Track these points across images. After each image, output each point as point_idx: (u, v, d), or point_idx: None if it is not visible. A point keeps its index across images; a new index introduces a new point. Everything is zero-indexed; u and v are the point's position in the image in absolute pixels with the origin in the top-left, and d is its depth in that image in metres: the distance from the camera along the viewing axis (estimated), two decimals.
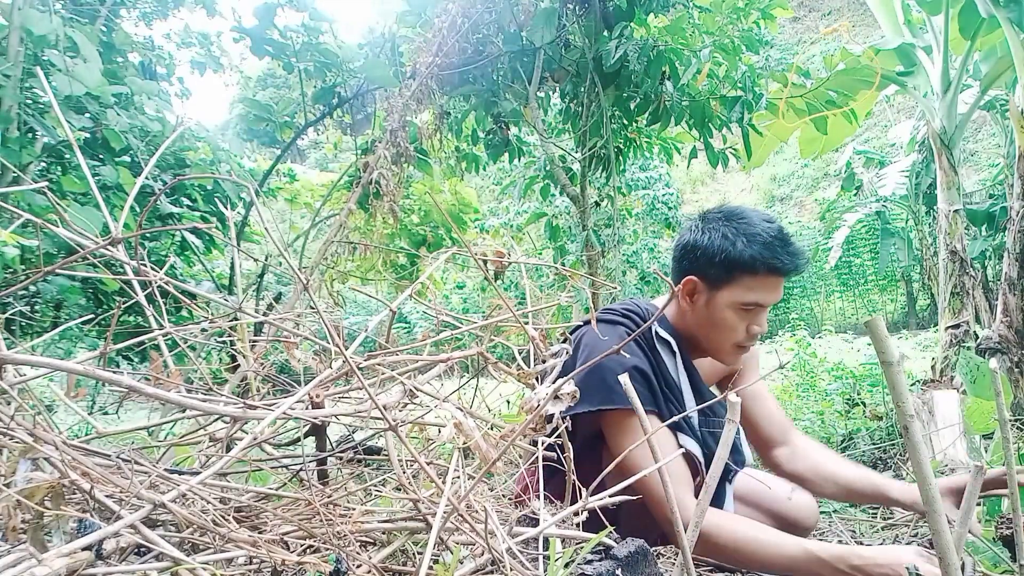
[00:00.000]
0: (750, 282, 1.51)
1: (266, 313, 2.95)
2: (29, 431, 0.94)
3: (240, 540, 0.88)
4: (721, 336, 1.57)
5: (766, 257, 1.49)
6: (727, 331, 1.56)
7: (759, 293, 1.52)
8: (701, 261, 1.55)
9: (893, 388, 0.80)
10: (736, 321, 1.54)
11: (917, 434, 0.81)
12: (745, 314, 1.54)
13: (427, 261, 4.43)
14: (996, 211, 6.91)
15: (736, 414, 0.96)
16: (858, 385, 3.95)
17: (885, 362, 0.80)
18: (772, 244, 1.50)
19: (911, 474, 2.14)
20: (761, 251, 1.49)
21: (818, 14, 23.91)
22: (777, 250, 1.50)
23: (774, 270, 1.50)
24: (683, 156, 4.51)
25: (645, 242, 11.99)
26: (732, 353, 1.61)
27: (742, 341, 1.57)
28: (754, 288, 1.51)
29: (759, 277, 1.50)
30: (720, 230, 1.54)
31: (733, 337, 1.56)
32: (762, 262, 1.49)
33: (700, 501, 0.99)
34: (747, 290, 1.52)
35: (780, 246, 1.50)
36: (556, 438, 1.07)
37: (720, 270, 1.52)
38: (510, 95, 4.01)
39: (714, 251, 1.52)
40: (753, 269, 1.50)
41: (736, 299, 1.52)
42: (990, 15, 3.45)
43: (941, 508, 0.82)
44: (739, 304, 1.53)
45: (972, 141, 15.88)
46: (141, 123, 3.81)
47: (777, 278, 1.52)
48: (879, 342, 0.79)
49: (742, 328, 1.55)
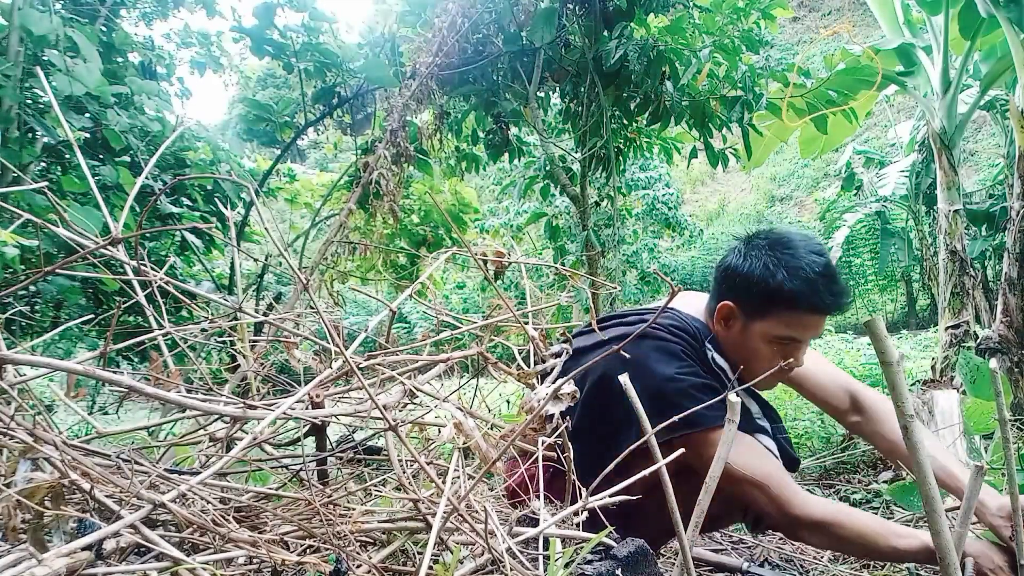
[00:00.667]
0: (788, 318, 1.44)
1: (266, 313, 2.95)
2: (29, 431, 0.94)
3: (240, 540, 0.88)
4: (753, 365, 1.49)
5: (807, 294, 1.40)
6: (761, 361, 1.48)
7: (796, 330, 1.45)
8: (740, 288, 1.47)
9: (893, 388, 0.80)
10: (770, 354, 1.47)
11: (917, 434, 0.81)
12: (781, 347, 1.47)
13: (427, 261, 4.43)
14: (996, 211, 6.91)
15: (736, 414, 0.96)
16: None
17: (885, 362, 0.80)
18: (815, 281, 1.40)
19: (911, 474, 2.14)
20: (802, 287, 1.40)
21: (818, 14, 23.90)
22: (819, 288, 1.40)
23: (815, 309, 1.42)
24: (683, 156, 4.52)
25: (645, 242, 11.99)
26: (766, 381, 1.53)
27: (776, 373, 1.48)
28: (792, 325, 1.44)
29: (798, 314, 1.43)
30: (762, 259, 1.45)
31: (766, 367, 1.47)
32: (803, 299, 1.41)
33: (701, 502, 0.99)
34: (784, 326, 1.44)
35: (824, 284, 1.41)
36: (556, 438, 1.07)
37: (757, 301, 1.45)
38: (510, 95, 4.01)
39: (753, 280, 1.44)
40: (793, 305, 1.42)
41: (771, 332, 1.46)
42: (990, 15, 3.46)
43: (941, 508, 0.82)
44: (774, 337, 1.46)
45: (972, 141, 15.88)
46: (141, 123, 3.81)
47: (818, 316, 1.44)
48: (879, 342, 0.79)
49: (777, 360, 1.46)
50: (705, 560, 1.93)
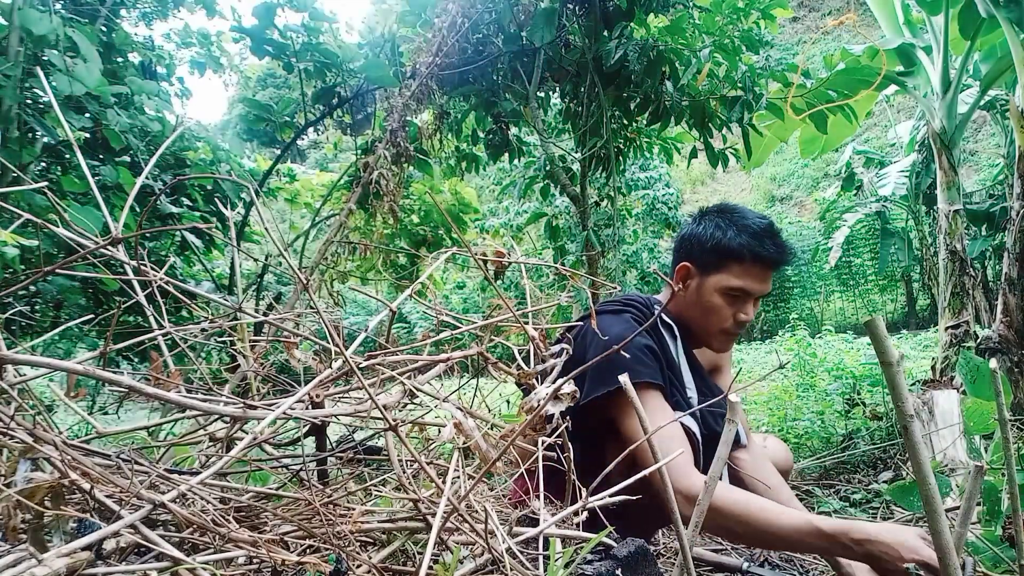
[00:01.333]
0: (737, 269, 1.61)
1: (266, 313, 2.95)
2: (29, 431, 0.94)
3: (240, 540, 0.88)
4: (709, 320, 1.67)
5: (753, 246, 1.59)
6: (715, 315, 1.65)
7: (746, 280, 1.61)
8: (695, 249, 1.67)
9: (893, 388, 0.80)
10: (723, 306, 1.64)
11: (917, 434, 0.81)
12: (732, 300, 1.64)
13: (427, 261, 4.43)
14: (996, 211, 6.92)
15: (736, 414, 0.96)
16: (858, 385, 3.95)
17: (885, 362, 0.80)
18: (760, 234, 1.60)
19: (911, 474, 2.14)
20: (749, 240, 1.60)
21: (818, 14, 23.91)
22: (764, 240, 1.60)
23: (760, 258, 1.60)
24: (683, 156, 4.52)
25: (645, 242, 11.99)
26: (719, 338, 1.70)
27: (729, 327, 1.66)
28: (741, 275, 1.61)
29: (746, 264, 1.61)
30: (714, 221, 1.66)
31: (720, 322, 1.66)
32: (749, 250, 1.59)
33: (701, 501, 0.99)
34: (734, 276, 1.61)
35: (768, 237, 1.60)
36: (556, 438, 1.07)
37: (711, 256, 1.63)
38: (510, 95, 4.01)
39: (706, 238, 1.64)
40: (740, 256, 1.60)
41: (724, 284, 1.62)
42: (990, 15, 3.46)
43: (941, 508, 0.82)
44: (726, 289, 1.62)
45: (972, 141, 15.89)
46: (141, 123, 3.80)
47: (764, 268, 1.62)
48: (879, 342, 0.79)
49: (729, 314, 1.64)
50: (705, 560, 1.93)
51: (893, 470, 3.13)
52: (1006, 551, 1.40)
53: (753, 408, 4.34)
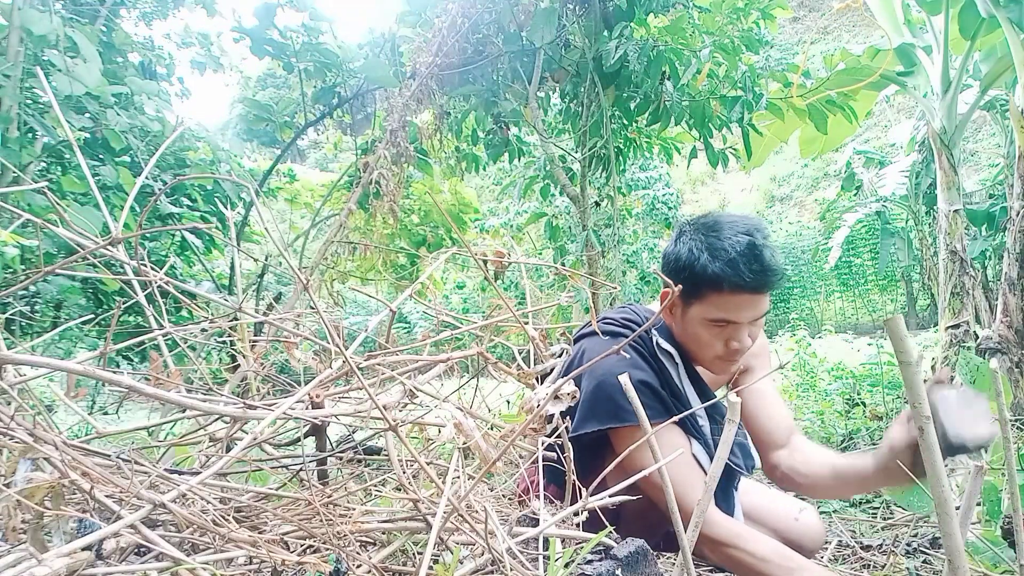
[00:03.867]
0: (716, 299, 1.43)
1: (266, 313, 2.95)
2: (29, 431, 0.94)
3: (240, 540, 0.88)
4: (700, 349, 1.51)
5: (728, 275, 1.39)
6: (704, 345, 1.50)
7: (727, 311, 1.43)
8: (673, 273, 1.47)
9: (910, 388, 0.80)
10: (709, 337, 1.48)
11: (932, 436, 0.81)
12: (719, 331, 1.47)
13: (427, 261, 4.43)
14: (996, 211, 6.90)
15: (736, 414, 0.96)
16: (858, 385, 3.96)
17: (904, 362, 0.79)
18: (735, 261, 1.39)
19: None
20: (723, 268, 1.40)
21: (818, 14, 23.92)
22: (740, 267, 1.39)
23: (738, 288, 1.40)
24: (683, 156, 4.52)
25: (645, 242, 11.98)
26: (716, 364, 1.54)
27: (722, 355, 1.49)
28: (720, 306, 1.43)
29: (724, 295, 1.42)
30: (688, 243, 1.46)
31: (711, 351, 1.50)
32: (725, 279, 1.40)
33: (701, 501, 0.99)
34: (714, 307, 1.44)
35: (745, 263, 1.39)
36: (556, 438, 1.07)
37: (688, 284, 1.44)
38: (510, 95, 4.01)
39: (682, 265, 1.45)
40: (717, 286, 1.41)
41: (705, 315, 1.45)
42: (990, 15, 3.45)
43: (952, 511, 0.82)
44: (709, 321, 1.46)
45: (972, 141, 15.88)
46: (141, 123, 3.80)
47: (745, 296, 1.42)
48: (898, 342, 0.78)
49: (719, 344, 1.48)
50: (706, 560, 1.93)
51: None
52: (1006, 551, 1.39)
53: None
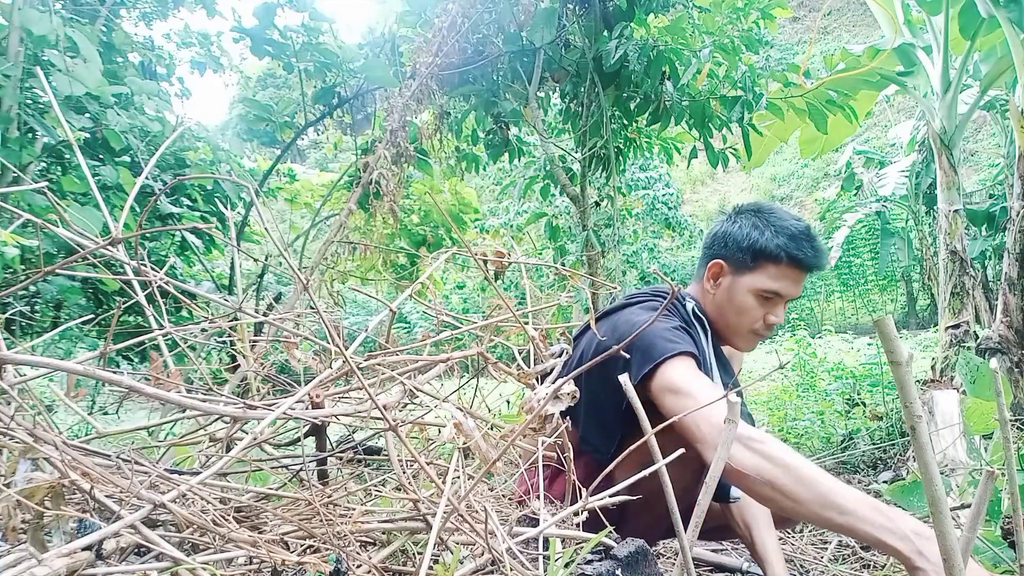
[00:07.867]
0: (773, 270, 1.59)
1: (266, 313, 2.95)
2: (29, 431, 0.94)
3: (240, 540, 0.88)
4: (740, 320, 1.64)
5: (790, 248, 1.57)
6: (746, 316, 1.63)
7: (780, 283, 1.59)
8: (730, 247, 1.64)
9: (902, 388, 0.80)
10: (755, 307, 1.62)
11: (925, 435, 0.80)
12: (764, 302, 1.61)
13: (427, 261, 4.42)
14: (996, 211, 6.91)
15: (736, 414, 0.96)
16: (858, 385, 3.96)
17: (895, 362, 0.79)
18: (798, 237, 1.58)
19: (912, 474, 2.15)
20: (786, 242, 1.57)
21: (818, 14, 23.91)
22: (802, 243, 1.58)
23: (796, 261, 1.58)
24: (683, 156, 4.52)
25: (645, 242, 12.00)
26: (747, 338, 1.67)
27: (759, 328, 1.64)
28: (776, 277, 1.59)
29: (782, 267, 1.59)
30: (751, 220, 1.64)
31: (751, 323, 1.63)
32: (786, 252, 1.57)
33: (700, 500, 0.99)
34: (769, 278, 1.59)
35: (805, 240, 1.58)
36: (556, 438, 1.07)
37: (746, 256, 1.61)
38: (510, 95, 4.01)
39: (742, 238, 1.61)
40: (777, 258, 1.58)
41: (758, 285, 1.60)
42: (990, 15, 3.45)
43: (947, 509, 0.81)
44: (760, 291, 1.60)
45: (972, 141, 15.89)
46: (141, 123, 3.80)
47: (799, 271, 1.60)
48: (888, 342, 0.78)
49: (760, 315, 1.62)
50: (705, 560, 1.94)
51: (893, 470, 3.13)
52: (1006, 551, 1.40)
53: (753, 408, 4.34)
